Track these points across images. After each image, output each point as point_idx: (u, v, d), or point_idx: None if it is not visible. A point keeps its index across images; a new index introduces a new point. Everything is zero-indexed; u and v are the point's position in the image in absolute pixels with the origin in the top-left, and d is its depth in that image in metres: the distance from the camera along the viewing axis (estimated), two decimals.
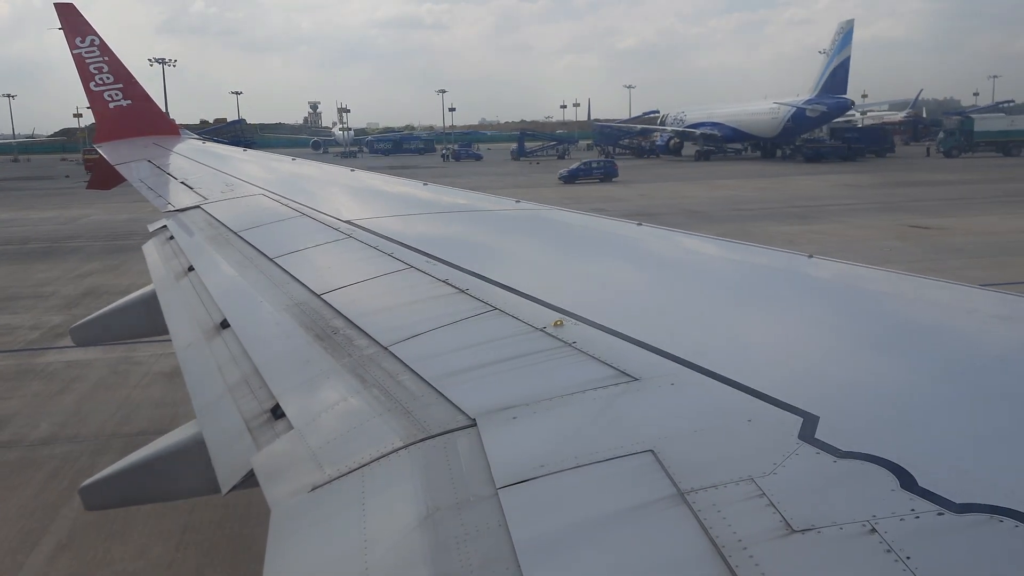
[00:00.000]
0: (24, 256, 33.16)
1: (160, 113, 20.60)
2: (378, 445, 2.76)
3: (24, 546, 9.77)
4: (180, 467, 4.02)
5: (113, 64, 18.96)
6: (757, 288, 4.43)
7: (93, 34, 18.89)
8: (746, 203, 45.30)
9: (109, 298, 23.33)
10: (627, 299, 4.21)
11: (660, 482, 2.17)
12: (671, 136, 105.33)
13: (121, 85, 18.94)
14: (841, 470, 2.13)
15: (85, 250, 34.11)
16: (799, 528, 1.89)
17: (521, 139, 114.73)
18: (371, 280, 4.87)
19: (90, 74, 18.69)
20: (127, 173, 14.33)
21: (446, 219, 7.34)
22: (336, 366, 3.61)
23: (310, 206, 7.70)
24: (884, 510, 1.91)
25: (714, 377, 2.79)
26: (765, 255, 5.08)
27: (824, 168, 74.57)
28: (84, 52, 18.71)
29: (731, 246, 5.48)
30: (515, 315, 3.73)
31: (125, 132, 18.54)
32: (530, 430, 2.61)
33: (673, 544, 1.95)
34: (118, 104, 18.85)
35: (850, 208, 41.61)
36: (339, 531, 2.41)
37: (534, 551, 2.00)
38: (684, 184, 61.65)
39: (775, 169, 75.52)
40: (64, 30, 18.82)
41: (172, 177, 12.84)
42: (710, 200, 47.67)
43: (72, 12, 19.02)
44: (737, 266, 5.08)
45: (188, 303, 5.75)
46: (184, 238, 7.84)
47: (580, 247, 5.88)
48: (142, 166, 14.46)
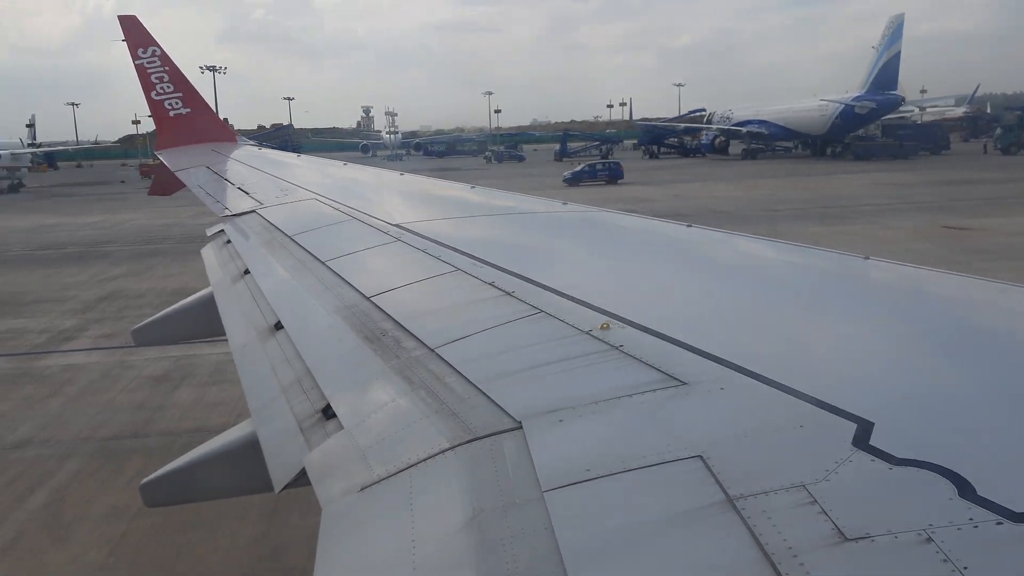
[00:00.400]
0: (58, 260, 34.31)
1: (218, 120, 21.13)
2: (426, 446, 2.78)
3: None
4: (235, 465, 4.10)
5: (173, 73, 19.51)
6: (810, 290, 4.34)
7: (154, 44, 19.46)
8: (780, 203, 44.53)
9: (124, 302, 24.83)
10: (675, 302, 4.16)
11: (709, 488, 2.14)
12: (716, 134, 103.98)
13: (181, 94, 19.47)
14: (897, 477, 2.07)
15: (116, 255, 35.15)
16: (852, 536, 1.84)
17: (564, 140, 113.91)
18: (419, 283, 4.92)
19: (151, 83, 19.26)
20: (186, 179, 14.71)
21: (493, 221, 7.37)
22: (385, 368, 3.65)
23: (360, 210, 7.80)
24: (941, 519, 1.85)
25: (765, 382, 2.74)
26: (819, 257, 4.98)
27: (872, 167, 72.88)
28: (146, 62, 19.28)
29: (784, 248, 5.38)
30: (561, 318, 3.71)
31: (184, 139, 19.04)
32: (576, 433, 2.60)
33: (722, 551, 1.92)
34: (178, 112, 19.38)
35: (887, 208, 40.62)
36: (388, 530, 2.43)
37: (580, 555, 1.99)
38: (719, 184, 60.76)
39: (821, 168, 74.16)
40: (127, 41, 19.44)
41: (229, 182, 13.14)
42: (743, 200, 46.90)
43: (134, 24, 19.63)
44: (790, 268, 4.99)
45: (244, 305, 5.87)
46: (240, 242, 8.02)
47: (627, 249, 5.84)
48: (200, 172, 14.82)
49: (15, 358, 19.10)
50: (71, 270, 31.06)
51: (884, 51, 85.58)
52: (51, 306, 24.44)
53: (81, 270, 30.97)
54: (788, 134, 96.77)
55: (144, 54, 19.33)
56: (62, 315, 23.14)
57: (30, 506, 11.34)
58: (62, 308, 24.08)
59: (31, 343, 20.30)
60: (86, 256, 35.00)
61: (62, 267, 32.08)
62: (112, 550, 10.02)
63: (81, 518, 10.91)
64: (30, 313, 23.57)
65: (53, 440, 13.69)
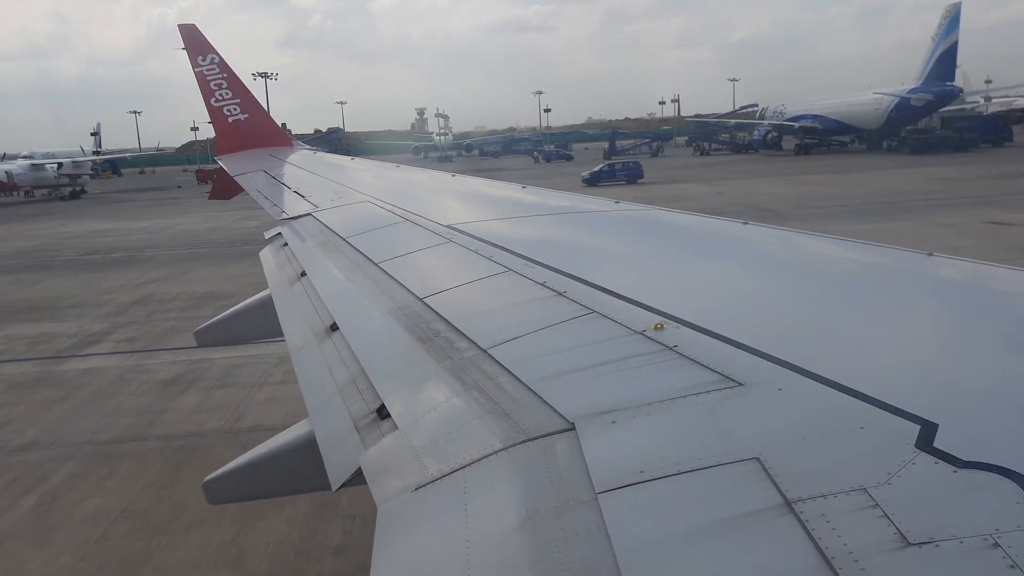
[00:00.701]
0: (103, 265, 35.39)
1: (274, 125, 21.57)
2: (479, 446, 2.80)
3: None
4: (293, 464, 4.18)
5: (231, 80, 19.98)
6: (871, 288, 4.23)
7: (213, 52, 19.96)
8: (824, 200, 43.53)
9: (156, 305, 25.50)
10: (731, 301, 4.09)
11: (766, 491, 2.10)
12: (768, 130, 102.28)
13: (239, 100, 19.93)
14: (962, 481, 2.01)
15: (158, 259, 36.18)
16: (915, 541, 1.80)
17: (612, 138, 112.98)
18: (471, 283, 4.94)
19: (210, 90, 19.74)
20: (245, 183, 15.05)
21: (545, 221, 7.36)
22: (438, 368, 3.68)
23: (413, 211, 7.87)
24: (1008, 524, 1.80)
25: (824, 382, 2.68)
26: (880, 253, 4.86)
27: (928, 160, 70.56)
28: (205, 69, 19.78)
29: (843, 244, 5.26)
30: (614, 318, 3.69)
31: (243, 144, 19.50)
32: (630, 435, 2.58)
33: (780, 555, 1.89)
34: (236, 118, 19.83)
35: (934, 204, 39.34)
36: (442, 530, 2.45)
37: (635, 558, 1.97)
38: (764, 180, 59.62)
39: (875, 162, 72.34)
40: (187, 49, 19.96)
41: (286, 186, 13.40)
42: (787, 197, 46.00)
43: (194, 32, 20.17)
44: (849, 265, 4.87)
45: (300, 307, 5.98)
46: (297, 244, 8.17)
47: (681, 248, 5.76)
48: (259, 176, 15.15)
49: (39, 362, 19.73)
50: (112, 274, 32.03)
51: (940, 41, 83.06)
52: (86, 310, 25.22)
53: (122, 274, 31.97)
54: (842, 128, 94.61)
55: (203, 62, 19.83)
56: (95, 319, 23.86)
57: (22, 508, 11.76)
58: (97, 312, 24.82)
59: (59, 347, 20.91)
60: (130, 261, 36.10)
61: (104, 271, 33.09)
62: (86, 554, 10.32)
63: (65, 521, 11.28)
64: (64, 317, 24.33)
65: (57, 443, 14.13)
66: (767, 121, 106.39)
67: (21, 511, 11.65)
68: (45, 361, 19.79)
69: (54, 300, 27.21)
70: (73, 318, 24.16)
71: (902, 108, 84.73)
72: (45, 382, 17.94)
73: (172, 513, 11.26)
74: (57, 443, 14.14)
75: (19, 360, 20.05)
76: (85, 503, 11.73)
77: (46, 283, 31.18)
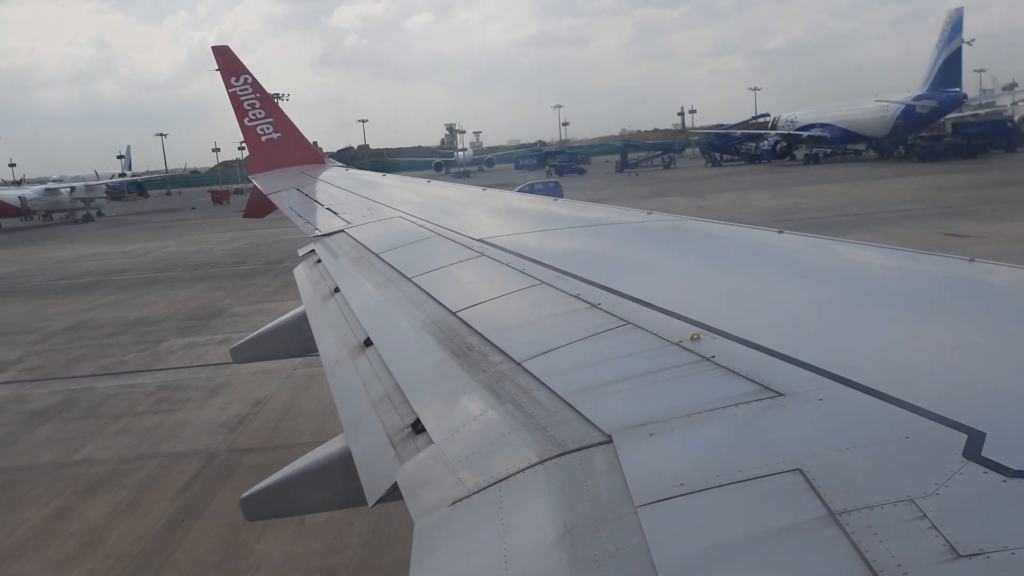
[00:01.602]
0: (64, 290, 35.48)
1: (307, 143, 21.82)
2: (515, 460, 2.77)
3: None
4: (329, 480, 4.19)
5: (264, 100, 20.31)
6: (913, 295, 4.16)
7: (246, 73, 20.29)
8: (800, 212, 43.00)
9: (83, 332, 25.48)
10: (769, 310, 4.04)
11: (809, 502, 2.06)
12: (777, 140, 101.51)
13: (271, 119, 20.22)
14: (1012, 490, 1.96)
15: (121, 283, 36.30)
16: (965, 553, 1.75)
17: (624, 151, 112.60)
18: (503, 297, 4.93)
19: (244, 110, 20.07)
20: (278, 201, 15.25)
21: (576, 233, 7.35)
22: (472, 382, 3.67)
23: (444, 226, 7.91)
24: None
25: (866, 391, 2.63)
26: (920, 260, 4.78)
27: (932, 168, 69.52)
28: (238, 90, 20.12)
29: (881, 251, 5.18)
30: (649, 329, 3.65)
31: (276, 163, 19.75)
32: (668, 447, 2.55)
33: (826, 569, 1.85)
34: (269, 137, 20.12)
35: (905, 214, 38.40)
36: (479, 545, 2.43)
37: (676, 572, 1.94)
38: (755, 192, 58.73)
39: (878, 172, 71.00)
40: (220, 71, 20.32)
41: (318, 203, 13.53)
42: (764, 210, 45.28)
43: (227, 53, 20.53)
44: (890, 272, 4.79)
45: (334, 322, 6.01)
46: (330, 261, 8.24)
47: (716, 257, 5.71)
48: (291, 194, 15.33)
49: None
50: (64, 301, 32.02)
51: (944, 47, 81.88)
52: (14, 338, 25.07)
53: (73, 300, 31.96)
54: (851, 137, 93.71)
55: (237, 82, 20.17)
56: (14, 347, 23.80)
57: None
58: (22, 340, 24.78)
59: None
60: (93, 286, 36.11)
61: (60, 298, 33.09)
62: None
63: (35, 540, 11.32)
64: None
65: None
66: (776, 131, 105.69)
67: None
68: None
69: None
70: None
71: (908, 115, 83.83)
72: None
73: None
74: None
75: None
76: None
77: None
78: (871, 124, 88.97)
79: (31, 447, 15.31)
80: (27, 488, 13.26)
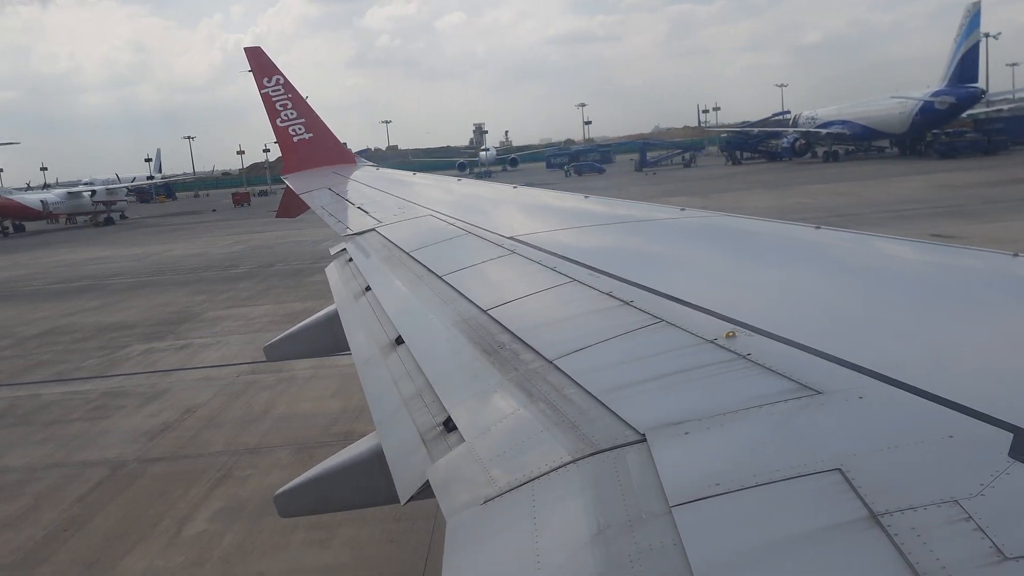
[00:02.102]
0: (56, 295, 35.91)
1: (338, 144, 21.98)
2: (547, 459, 2.75)
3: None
4: (362, 477, 4.21)
5: (296, 101, 20.47)
6: (955, 291, 4.05)
7: (278, 74, 20.49)
8: (798, 212, 42.22)
9: (55, 337, 25.68)
10: (805, 307, 3.97)
11: (850, 503, 2.01)
12: (797, 137, 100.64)
13: (303, 120, 20.39)
14: None
15: (111, 287, 36.68)
16: (1013, 555, 1.70)
17: (642, 149, 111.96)
18: (535, 295, 4.91)
19: (276, 111, 20.26)
20: (310, 201, 15.41)
21: (608, 230, 7.30)
22: (503, 380, 3.65)
23: (475, 224, 7.91)
24: None
25: (907, 389, 2.57)
26: (962, 255, 4.67)
27: (951, 165, 67.85)
28: (271, 91, 20.32)
29: (922, 247, 5.08)
30: (683, 327, 3.61)
31: (308, 163, 19.94)
32: (703, 446, 2.51)
33: (867, 571, 1.80)
34: (301, 137, 20.29)
35: (899, 215, 37.45)
36: (511, 544, 2.42)
37: (713, 573, 1.91)
38: (762, 192, 57.91)
39: (894, 169, 69.79)
40: (253, 72, 20.53)
41: (349, 203, 13.63)
42: (762, 210, 43.90)
43: (259, 55, 20.75)
44: (931, 268, 4.69)
45: (366, 321, 6.04)
46: (361, 259, 8.28)
47: (751, 253, 5.63)
48: (323, 194, 15.48)
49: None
50: (48, 305, 32.34)
51: (962, 42, 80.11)
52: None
53: (58, 305, 32.27)
54: (871, 134, 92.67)
55: (269, 83, 20.36)
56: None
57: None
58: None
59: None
60: (86, 290, 36.43)
61: (47, 302, 33.42)
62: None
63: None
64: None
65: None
66: (794, 129, 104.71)
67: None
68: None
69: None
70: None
71: (927, 111, 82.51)
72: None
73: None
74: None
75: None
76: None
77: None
78: (890, 121, 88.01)
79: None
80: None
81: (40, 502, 12.72)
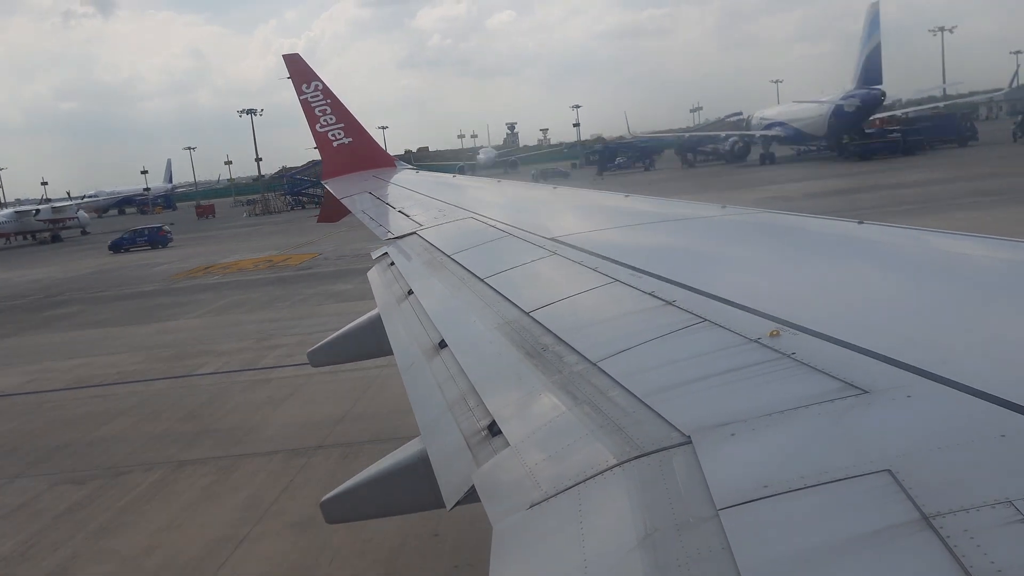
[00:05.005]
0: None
1: (378, 147, 22.16)
2: (592, 462, 2.76)
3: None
4: (407, 482, 4.25)
5: (335, 106, 20.67)
6: (1004, 286, 3.96)
7: (317, 79, 20.72)
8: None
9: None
10: (851, 305, 3.91)
11: (900, 505, 1.98)
12: (736, 140, 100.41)
13: (342, 125, 20.57)
14: None
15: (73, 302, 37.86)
16: None
17: (602, 152, 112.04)
18: (577, 296, 4.90)
19: (315, 116, 20.48)
20: (351, 206, 15.57)
21: (649, 229, 7.25)
22: (547, 383, 3.66)
23: (515, 225, 7.92)
24: None
25: (957, 387, 2.52)
26: (1012, 248, 4.55)
27: (862, 168, 68.26)
28: (309, 97, 20.55)
29: (971, 240, 4.95)
30: (727, 326, 3.58)
31: (348, 168, 20.12)
32: (750, 448, 2.49)
33: (919, 573, 1.78)
34: (340, 142, 20.49)
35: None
36: (559, 549, 2.43)
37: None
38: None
39: (808, 172, 70.06)
40: (292, 78, 20.79)
41: (390, 206, 13.75)
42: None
43: (298, 61, 21.00)
44: (977, 262, 4.57)
45: (408, 325, 6.09)
46: (403, 263, 8.35)
47: (795, 251, 5.55)
48: (364, 198, 15.63)
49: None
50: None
51: (865, 44, 79.50)
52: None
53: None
54: (800, 136, 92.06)
55: (308, 89, 20.59)
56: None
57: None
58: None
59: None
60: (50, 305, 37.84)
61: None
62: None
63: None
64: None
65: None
66: (740, 133, 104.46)
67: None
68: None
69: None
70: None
71: (839, 114, 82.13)
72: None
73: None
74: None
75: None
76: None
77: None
78: (812, 123, 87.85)
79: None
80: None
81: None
